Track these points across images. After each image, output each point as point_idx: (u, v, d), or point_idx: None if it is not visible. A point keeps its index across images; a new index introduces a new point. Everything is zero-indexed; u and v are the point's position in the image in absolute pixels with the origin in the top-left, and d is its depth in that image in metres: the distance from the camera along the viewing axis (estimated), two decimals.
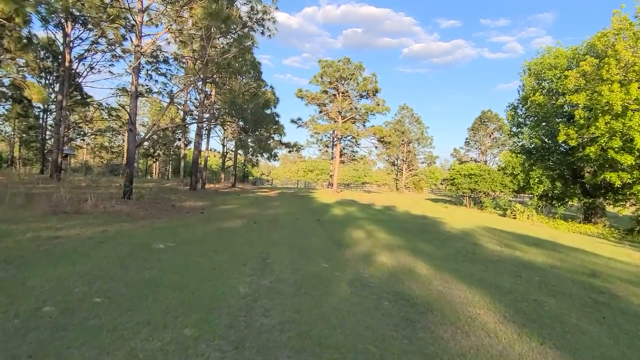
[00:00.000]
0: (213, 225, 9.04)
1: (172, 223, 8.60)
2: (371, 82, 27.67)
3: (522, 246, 10.37)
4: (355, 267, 6.01)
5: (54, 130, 21.03)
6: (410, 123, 47.19)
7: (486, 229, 14.51)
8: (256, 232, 8.60)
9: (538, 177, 24.46)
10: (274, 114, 26.18)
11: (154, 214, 9.68)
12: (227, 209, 13.22)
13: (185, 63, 14.15)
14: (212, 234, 7.71)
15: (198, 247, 6.23)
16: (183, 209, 11.57)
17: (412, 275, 5.73)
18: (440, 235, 11.28)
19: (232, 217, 11.11)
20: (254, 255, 6.05)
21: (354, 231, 10.37)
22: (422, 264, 6.62)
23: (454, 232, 12.49)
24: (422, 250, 8.26)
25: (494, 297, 4.86)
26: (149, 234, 6.92)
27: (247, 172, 50.93)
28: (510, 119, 28.81)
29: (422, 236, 10.73)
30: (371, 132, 29.05)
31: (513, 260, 7.82)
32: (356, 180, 75.66)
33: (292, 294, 4.18)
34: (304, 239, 8.38)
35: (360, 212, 16.66)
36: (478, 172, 27.61)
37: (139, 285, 3.93)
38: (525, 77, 26.82)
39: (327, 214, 15.22)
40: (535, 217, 23.01)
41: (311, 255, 6.57)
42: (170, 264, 4.92)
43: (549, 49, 25.66)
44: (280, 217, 12.51)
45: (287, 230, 9.52)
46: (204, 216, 10.47)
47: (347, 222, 12.69)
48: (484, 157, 52.21)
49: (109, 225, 7.18)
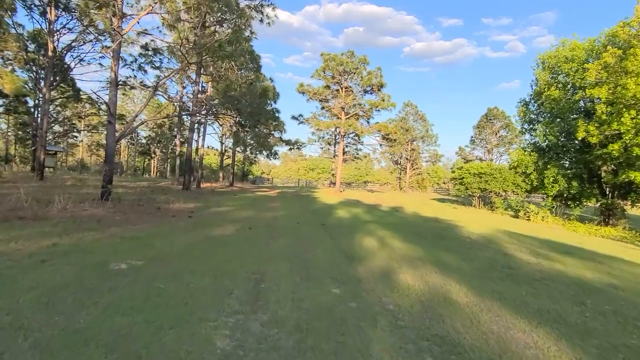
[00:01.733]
0: (200, 232, 7.67)
1: (149, 231, 7.25)
2: (376, 77, 26.20)
3: (556, 255, 9.03)
4: (375, 292, 4.66)
5: (37, 126, 19.68)
6: (415, 120, 45.76)
7: (506, 233, 13.17)
8: (250, 242, 7.25)
9: (553, 177, 23.06)
10: (274, 110, 24.80)
11: (132, 218, 8.33)
12: (221, 212, 11.84)
13: (177, 50, 12.85)
14: (195, 245, 6.34)
15: (172, 265, 4.88)
16: (169, 212, 10.21)
17: (450, 306, 4.37)
18: (461, 243, 9.93)
19: (225, 221, 9.74)
20: (245, 277, 4.70)
21: (365, 238, 9.02)
22: (455, 286, 5.27)
23: (474, 237, 11.14)
24: (447, 263, 6.91)
25: (574, 343, 3.51)
26: (115, 247, 5.57)
27: (246, 170, 49.59)
28: (522, 115, 27.41)
29: (441, 244, 9.39)
30: (376, 129, 27.58)
31: (560, 278, 6.46)
32: (358, 179, 74.35)
33: (292, 349, 2.83)
34: (307, 249, 7.03)
35: (367, 214, 15.30)
36: (488, 171, 26.22)
37: (58, 342, 2.58)
38: (539, 71, 25.39)
39: (332, 216, 13.86)
40: (550, 218, 21.67)
41: (317, 274, 5.21)
42: (124, 297, 3.57)
43: (564, 41, 24.19)
44: (279, 220, 11.14)
45: (288, 237, 8.16)
46: (191, 221, 9.09)
47: (355, 226, 11.33)
48: (490, 155, 50.83)
49: (67, 236, 5.84)
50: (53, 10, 16.28)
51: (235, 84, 13.10)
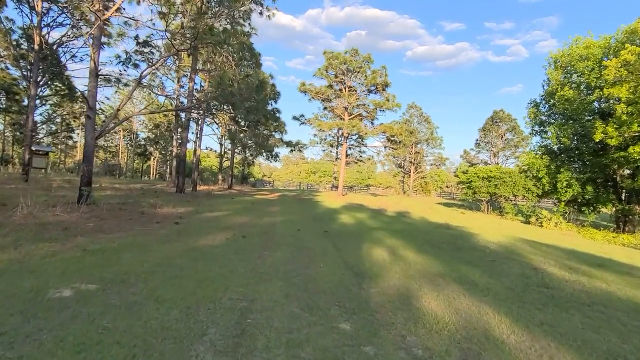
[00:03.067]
0: (182, 243, 6.59)
1: (123, 241, 6.19)
2: (381, 75, 25.14)
3: (590, 270, 7.93)
4: (395, 327, 3.59)
5: (23, 124, 18.67)
6: (419, 123, 44.61)
7: (524, 241, 12.09)
8: (242, 254, 6.17)
9: (567, 181, 21.98)
10: (274, 110, 23.75)
11: (107, 225, 7.27)
12: (213, 217, 10.74)
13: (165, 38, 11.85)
14: (173, 260, 5.28)
15: (134, 290, 3.82)
16: (155, 217, 9.14)
17: (497, 349, 3.30)
18: (481, 253, 8.84)
19: (215, 228, 8.64)
20: (227, 307, 3.64)
21: (373, 249, 7.94)
22: (493, 316, 4.20)
23: (493, 247, 10.06)
24: (473, 281, 5.83)
25: None
26: (69, 264, 4.52)
27: (247, 173, 48.54)
28: (532, 117, 26.37)
29: (460, 255, 8.31)
30: (380, 130, 26.44)
31: (611, 301, 5.37)
32: (360, 182, 73.21)
33: None
34: (308, 264, 5.95)
35: (373, 220, 14.22)
36: (498, 175, 25.09)
37: None
38: (551, 70, 24.36)
39: (335, 222, 12.77)
40: (563, 225, 20.53)
41: (321, 301, 4.14)
42: (44, 348, 2.50)
43: (578, 39, 23.15)
44: (278, 227, 10.06)
45: (286, 249, 7.07)
46: (176, 228, 8.01)
47: (361, 234, 10.26)
48: (496, 159, 49.68)
49: (14, 249, 4.79)
50: (40, 2, 15.32)
51: (229, 74, 11.99)
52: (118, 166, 54.57)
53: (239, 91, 11.23)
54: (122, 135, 52.31)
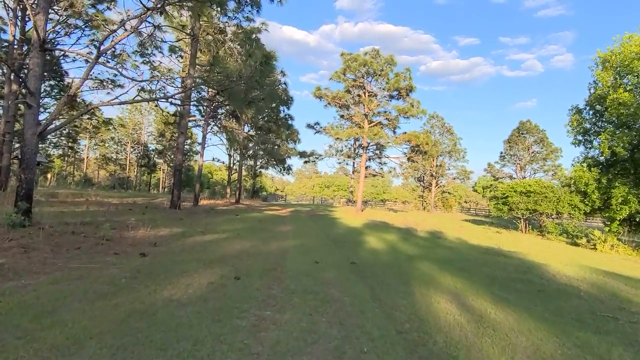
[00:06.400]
0: (132, 296, 4.01)
1: (29, 294, 3.71)
2: (405, 79, 22.60)
3: None
4: None
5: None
6: (441, 134, 41.73)
7: (607, 274, 9.26)
8: (224, 324, 3.59)
9: (622, 196, 18.93)
10: (287, 116, 21.43)
11: (28, 261, 4.81)
12: (202, 243, 8.11)
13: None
14: (82, 345, 2.75)
15: None
16: (118, 244, 6.60)
17: None
18: (580, 302, 6.09)
19: (198, 263, 6.00)
20: None
21: (431, 298, 5.28)
22: None
23: (584, 288, 7.28)
24: None
25: None
26: None
27: (258, 186, 46.23)
28: (575, 125, 23.43)
29: (554, 306, 5.61)
30: (404, 139, 23.65)
31: None
32: (375, 197, 70.21)
33: None
34: (341, 345, 3.34)
35: (407, 244, 11.50)
36: (538, 190, 22.10)
37: None
38: (599, 71, 21.52)
39: (362, 248, 10.09)
40: (621, 247, 17.41)
41: None
42: None
43: (630, 37, 20.37)
44: (289, 258, 7.44)
45: (300, 302, 4.45)
46: (137, 265, 5.39)
47: (401, 267, 7.58)
48: (523, 172, 46.32)
49: None
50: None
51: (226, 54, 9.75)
52: (126, 179, 52.95)
53: (237, 74, 8.83)
54: (130, 147, 50.86)
